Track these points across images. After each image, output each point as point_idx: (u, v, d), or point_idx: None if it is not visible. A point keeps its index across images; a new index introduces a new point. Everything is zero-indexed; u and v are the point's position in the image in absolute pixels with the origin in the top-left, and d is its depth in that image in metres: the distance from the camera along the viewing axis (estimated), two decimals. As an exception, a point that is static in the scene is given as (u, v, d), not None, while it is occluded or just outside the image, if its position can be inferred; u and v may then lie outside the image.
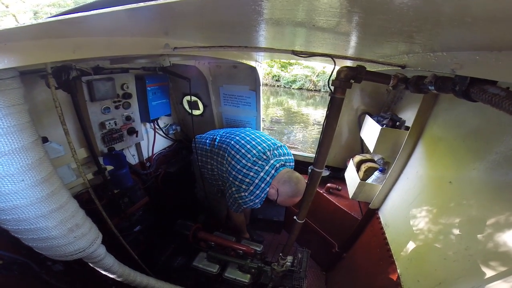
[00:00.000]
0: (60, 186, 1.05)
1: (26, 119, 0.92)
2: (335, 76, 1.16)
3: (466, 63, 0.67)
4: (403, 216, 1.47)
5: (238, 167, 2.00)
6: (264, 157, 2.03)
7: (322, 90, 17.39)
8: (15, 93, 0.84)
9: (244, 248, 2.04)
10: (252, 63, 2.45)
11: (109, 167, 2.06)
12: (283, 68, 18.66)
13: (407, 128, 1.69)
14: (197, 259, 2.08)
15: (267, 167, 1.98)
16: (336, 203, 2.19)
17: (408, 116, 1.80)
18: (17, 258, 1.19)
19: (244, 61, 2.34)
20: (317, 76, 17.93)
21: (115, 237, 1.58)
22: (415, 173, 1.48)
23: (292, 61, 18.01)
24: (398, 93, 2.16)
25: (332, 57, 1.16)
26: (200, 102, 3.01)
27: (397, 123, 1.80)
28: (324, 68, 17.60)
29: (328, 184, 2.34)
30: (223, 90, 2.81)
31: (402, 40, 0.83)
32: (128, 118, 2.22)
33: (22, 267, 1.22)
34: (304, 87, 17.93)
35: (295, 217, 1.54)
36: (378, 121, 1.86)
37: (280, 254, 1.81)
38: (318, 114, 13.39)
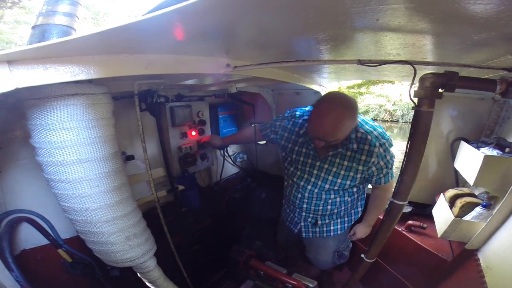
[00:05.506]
0: (129, 197, 1.13)
1: (111, 132, 1.06)
2: (417, 85, 0.98)
3: None
4: (515, 258, 1.15)
5: None
6: None
7: (401, 121, 15.16)
8: (104, 108, 0.99)
9: (294, 283, 1.78)
10: (316, 87, 2.33)
11: (181, 187, 2.22)
12: (352, 98, 17.50)
13: (522, 154, 1.37)
14: (243, 287, 1.92)
15: None
16: (418, 242, 1.89)
17: (523, 140, 1.47)
18: (85, 259, 1.31)
19: (308, 85, 2.26)
20: (393, 104, 15.92)
21: (171, 252, 1.60)
22: (538, 208, 1.11)
23: (362, 90, 16.67)
24: (503, 112, 1.75)
25: (411, 63, 0.95)
26: None
27: (506, 149, 1.53)
28: (401, 95, 15.58)
29: (410, 222, 1.98)
30: None
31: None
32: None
33: (86, 268, 1.32)
34: (378, 118, 15.98)
35: (362, 255, 1.36)
36: (478, 148, 1.60)
37: None
38: (397, 147, 11.52)
